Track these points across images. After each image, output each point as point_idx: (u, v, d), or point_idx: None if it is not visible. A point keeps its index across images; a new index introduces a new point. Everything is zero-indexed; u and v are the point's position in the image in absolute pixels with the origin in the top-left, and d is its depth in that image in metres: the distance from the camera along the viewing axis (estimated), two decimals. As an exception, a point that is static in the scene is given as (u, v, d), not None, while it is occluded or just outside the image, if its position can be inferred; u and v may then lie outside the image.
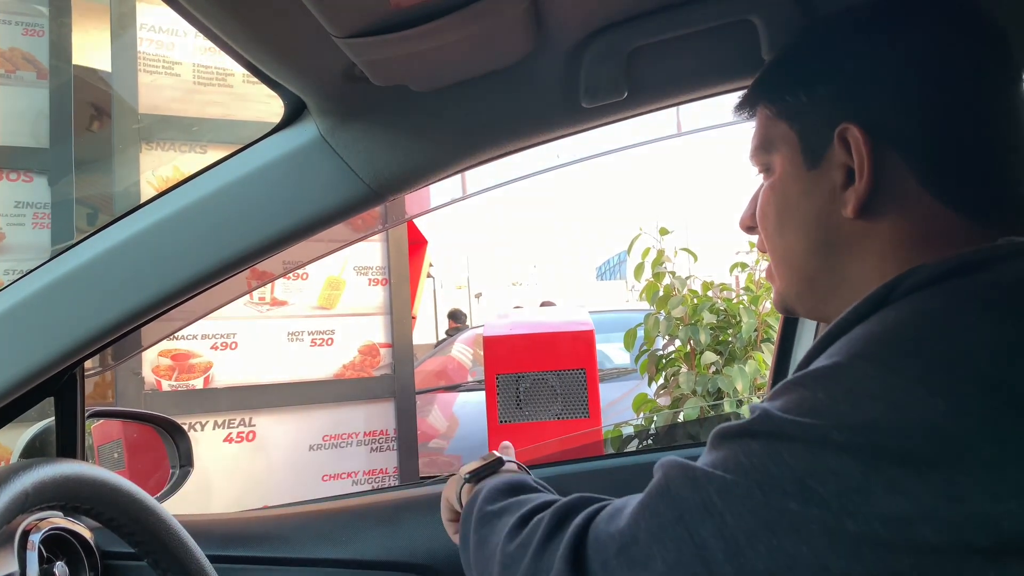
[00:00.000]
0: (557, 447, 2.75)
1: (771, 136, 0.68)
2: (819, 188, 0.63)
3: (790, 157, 0.66)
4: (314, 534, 1.08)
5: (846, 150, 0.61)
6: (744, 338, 3.04)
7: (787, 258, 0.68)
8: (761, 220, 0.70)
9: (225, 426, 2.92)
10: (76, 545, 0.89)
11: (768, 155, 0.68)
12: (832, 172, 0.62)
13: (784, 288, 0.70)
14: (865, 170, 0.60)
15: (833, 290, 0.65)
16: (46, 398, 0.93)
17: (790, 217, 0.66)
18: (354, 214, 0.85)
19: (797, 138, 0.65)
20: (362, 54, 0.66)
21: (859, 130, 0.59)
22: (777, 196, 0.67)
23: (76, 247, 0.83)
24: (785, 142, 0.66)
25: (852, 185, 0.61)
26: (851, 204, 0.61)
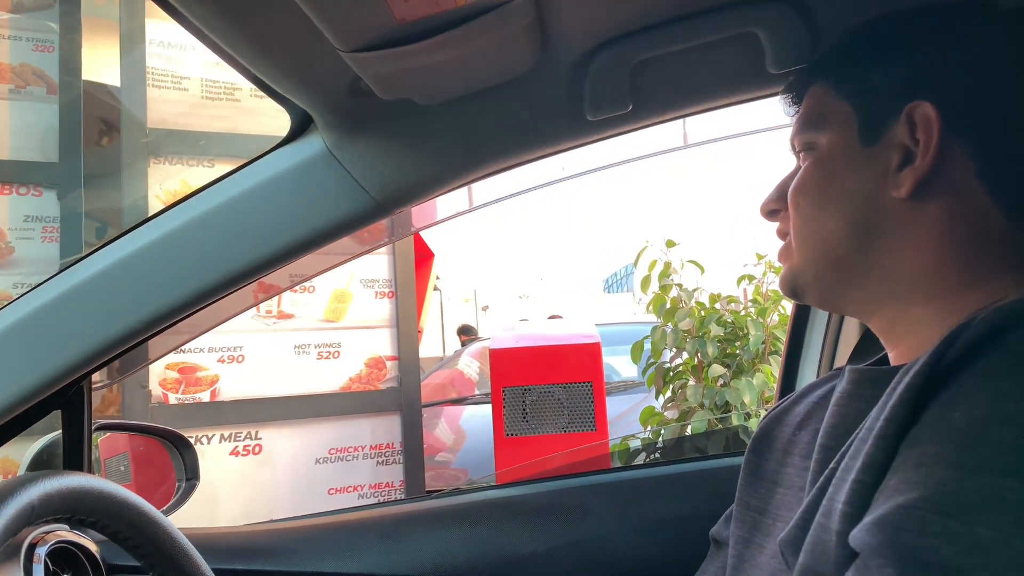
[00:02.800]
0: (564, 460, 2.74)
1: (825, 113, 0.67)
2: (873, 166, 0.63)
3: (843, 134, 0.65)
4: (319, 548, 1.08)
5: (909, 130, 0.61)
6: (752, 351, 3.03)
7: (818, 236, 0.66)
8: (797, 196, 0.68)
9: (231, 439, 2.92)
10: (82, 558, 0.89)
11: (817, 132, 0.68)
12: (890, 151, 0.62)
13: (802, 267, 0.68)
14: (931, 149, 0.59)
15: (860, 276, 0.64)
16: (53, 411, 0.94)
17: (833, 192, 0.65)
18: (360, 227, 0.86)
19: (855, 115, 0.65)
20: (368, 68, 0.66)
21: (933, 108, 0.59)
22: (822, 171, 0.66)
23: (83, 260, 0.84)
24: (840, 119, 0.66)
25: (909, 166, 0.60)
26: (908, 183, 0.60)
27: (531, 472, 2.72)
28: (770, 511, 0.72)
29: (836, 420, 0.65)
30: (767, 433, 0.78)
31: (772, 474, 0.75)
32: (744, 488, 0.77)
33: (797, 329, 1.25)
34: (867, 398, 0.63)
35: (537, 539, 1.12)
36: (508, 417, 3.00)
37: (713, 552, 0.83)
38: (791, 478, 0.72)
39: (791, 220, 0.69)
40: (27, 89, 2.71)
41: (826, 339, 1.20)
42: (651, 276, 3.23)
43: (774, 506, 0.72)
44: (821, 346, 1.21)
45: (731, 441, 2.74)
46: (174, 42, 2.85)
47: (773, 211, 0.72)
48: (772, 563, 0.68)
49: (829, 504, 0.56)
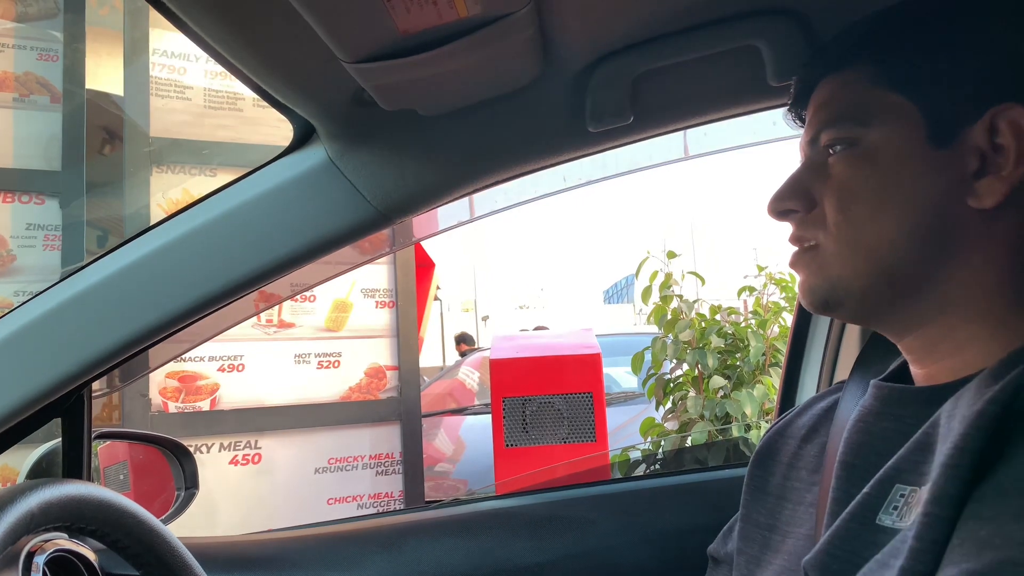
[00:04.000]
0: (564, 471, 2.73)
1: (868, 106, 0.60)
2: (944, 172, 0.57)
3: (904, 132, 0.59)
4: (318, 558, 1.08)
5: (988, 133, 0.56)
6: (752, 362, 3.03)
7: (872, 245, 0.59)
8: (845, 199, 0.60)
9: (231, 448, 2.91)
10: (80, 567, 0.89)
11: (862, 127, 0.60)
12: (966, 156, 0.57)
13: (846, 279, 0.61)
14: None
15: (914, 290, 0.59)
16: (53, 419, 0.94)
17: (896, 197, 0.58)
18: (362, 236, 0.86)
19: (919, 112, 0.58)
20: (371, 79, 0.66)
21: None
22: (878, 172, 0.59)
23: (84, 269, 0.84)
24: (898, 115, 0.59)
25: (993, 174, 0.56)
26: (994, 194, 0.56)
27: (531, 483, 2.71)
28: (779, 527, 0.71)
29: (861, 437, 0.62)
30: (770, 447, 0.77)
31: (778, 488, 0.73)
32: (749, 504, 0.76)
33: (797, 341, 1.25)
34: (895, 417, 0.61)
35: (537, 550, 1.11)
36: (508, 427, 3.00)
37: (712, 570, 0.82)
38: (799, 492, 0.71)
39: (832, 223, 0.61)
40: (31, 98, 2.72)
41: (826, 351, 1.20)
42: (652, 287, 3.23)
43: (783, 522, 0.71)
44: (822, 358, 1.21)
45: (731, 453, 2.74)
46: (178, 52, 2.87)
47: (789, 211, 0.65)
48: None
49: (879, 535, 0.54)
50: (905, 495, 0.54)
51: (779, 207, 0.65)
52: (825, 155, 0.63)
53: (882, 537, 0.54)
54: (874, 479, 0.56)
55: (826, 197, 0.62)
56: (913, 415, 0.59)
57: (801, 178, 0.64)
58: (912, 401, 0.60)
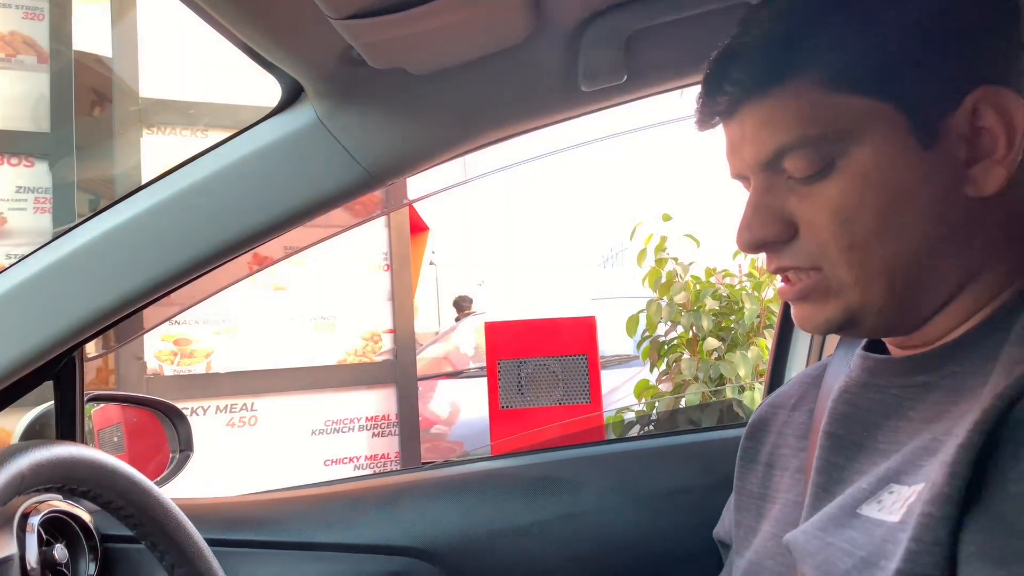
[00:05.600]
0: (558, 432, 2.75)
1: (840, 118, 0.54)
2: (939, 169, 0.54)
3: (890, 139, 0.54)
4: (313, 518, 1.08)
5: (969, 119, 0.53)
6: (746, 324, 3.04)
7: (887, 264, 0.55)
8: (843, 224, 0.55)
9: (227, 411, 2.93)
10: (75, 528, 0.90)
11: (839, 144, 0.54)
12: (953, 147, 0.54)
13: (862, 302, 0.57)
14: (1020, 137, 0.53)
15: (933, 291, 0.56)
16: (45, 382, 0.93)
17: (901, 213, 0.54)
18: (352, 198, 0.85)
19: (895, 112, 0.54)
20: (359, 36, 0.65)
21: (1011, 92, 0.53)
22: (875, 190, 0.54)
23: (74, 230, 0.83)
24: (872, 120, 0.54)
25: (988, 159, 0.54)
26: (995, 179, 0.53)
27: (526, 444, 2.74)
28: (769, 495, 0.72)
29: (846, 408, 0.62)
30: (762, 419, 0.78)
31: (767, 457, 0.74)
32: (742, 475, 0.76)
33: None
34: (879, 388, 0.61)
35: (531, 510, 1.12)
36: (503, 389, 3.01)
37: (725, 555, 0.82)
38: (786, 459, 0.71)
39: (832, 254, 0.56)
40: (17, 58, 2.67)
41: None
42: (647, 250, 3.23)
43: (772, 489, 0.72)
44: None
45: (725, 414, 2.76)
46: (166, 10, 2.82)
47: (768, 243, 0.59)
48: (769, 545, 0.68)
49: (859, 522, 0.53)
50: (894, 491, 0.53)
51: (754, 239, 0.59)
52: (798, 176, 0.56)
53: (859, 525, 0.53)
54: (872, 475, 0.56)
55: (814, 223, 0.56)
56: (897, 386, 0.59)
57: (769, 205, 0.58)
58: (895, 371, 0.60)
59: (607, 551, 1.11)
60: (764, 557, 0.68)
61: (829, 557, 0.53)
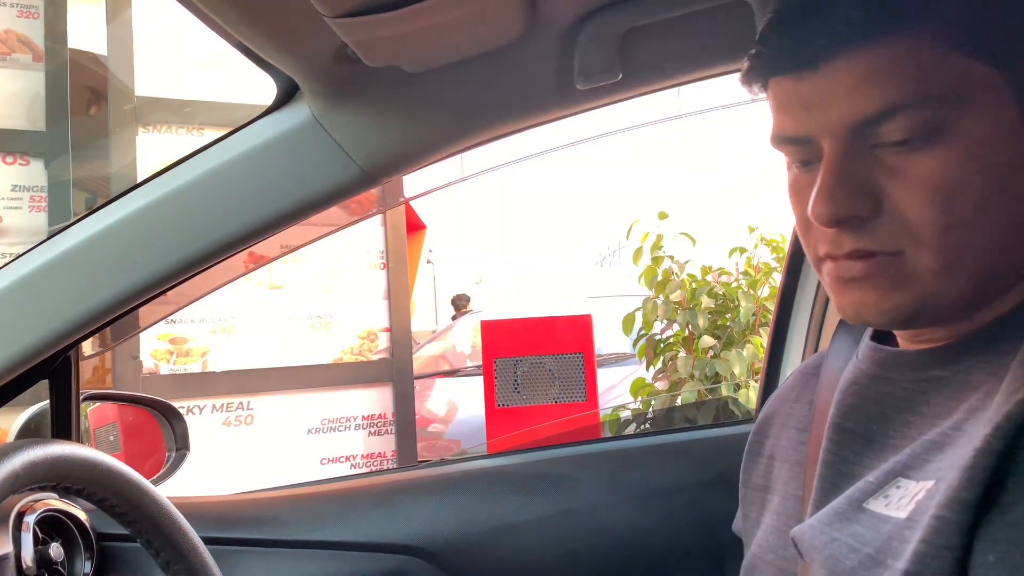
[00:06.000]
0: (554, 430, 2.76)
1: (954, 81, 0.50)
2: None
3: (996, 111, 0.50)
4: (309, 516, 1.08)
5: None
6: (742, 322, 3.05)
7: (976, 250, 0.51)
8: (940, 200, 0.50)
9: (223, 410, 2.92)
10: (71, 526, 0.89)
11: (952, 110, 0.50)
12: None
13: (940, 290, 0.52)
14: None
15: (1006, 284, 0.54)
16: (41, 380, 0.93)
17: (1000, 193, 0.51)
18: (348, 196, 0.85)
19: (1006, 83, 0.50)
20: (354, 34, 0.65)
21: None
22: (979, 165, 0.50)
23: (69, 229, 0.83)
24: (983, 90, 0.50)
25: None
26: None
27: (522, 442, 2.74)
28: (771, 487, 0.72)
29: (855, 400, 0.61)
30: (768, 413, 0.78)
31: (771, 449, 0.74)
32: (748, 469, 0.77)
33: (785, 301, 1.26)
34: (890, 381, 0.59)
35: (527, 508, 1.13)
36: (499, 388, 3.01)
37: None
38: (787, 451, 0.71)
39: (920, 232, 0.51)
40: (12, 56, 2.67)
41: (814, 310, 1.20)
42: (643, 248, 3.23)
43: (773, 480, 0.72)
44: (809, 317, 1.21)
45: (720, 412, 2.77)
46: (161, 9, 2.81)
47: (853, 217, 0.52)
48: (770, 539, 0.68)
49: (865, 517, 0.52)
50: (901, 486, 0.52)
51: (837, 214, 0.52)
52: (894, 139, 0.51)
53: (865, 519, 0.52)
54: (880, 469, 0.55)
55: (906, 199, 0.51)
56: (909, 379, 0.58)
57: (856, 174, 0.52)
58: (908, 366, 0.59)
59: (603, 548, 1.12)
60: (765, 551, 0.68)
61: (835, 553, 0.52)
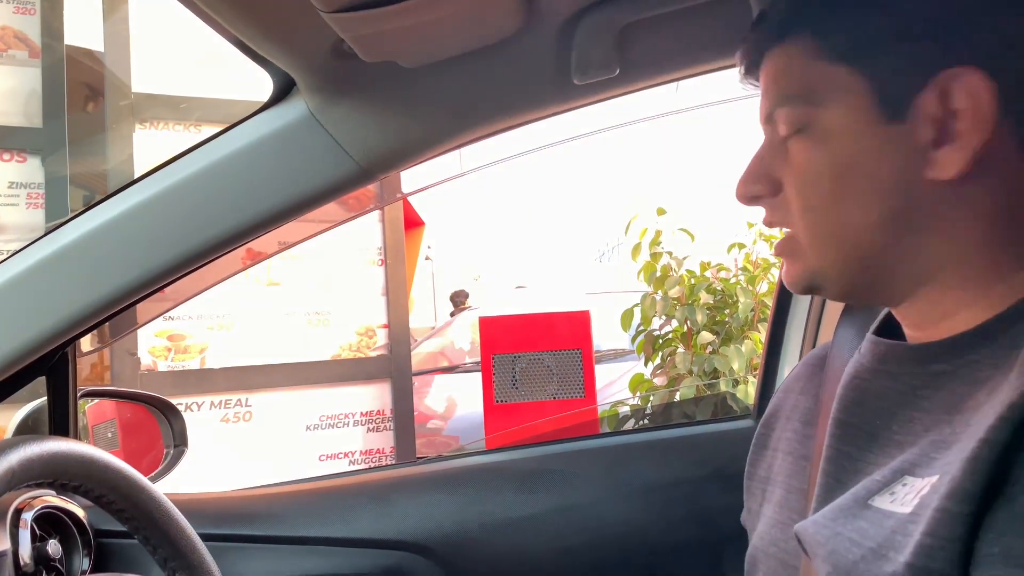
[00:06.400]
0: (552, 426, 2.76)
1: (815, 82, 0.57)
2: (899, 146, 0.54)
3: (856, 109, 0.55)
4: (308, 512, 1.08)
5: (942, 101, 0.52)
6: (741, 318, 3.05)
7: (838, 231, 0.57)
8: (804, 187, 0.58)
9: (222, 406, 2.92)
10: (69, 523, 0.89)
11: (811, 107, 0.57)
12: (919, 127, 0.53)
13: (819, 265, 0.59)
14: (986, 125, 0.51)
15: (891, 268, 0.57)
16: (38, 377, 0.93)
17: (855, 181, 0.56)
18: (345, 192, 0.85)
19: (869, 84, 0.55)
20: (350, 29, 0.65)
21: (985, 78, 0.51)
22: (835, 156, 0.56)
23: (65, 225, 0.83)
24: (846, 90, 0.55)
25: (951, 144, 0.52)
26: (954, 164, 0.52)
27: (520, 437, 2.74)
28: (773, 478, 0.72)
29: (856, 395, 0.61)
30: (776, 406, 0.78)
31: (776, 442, 0.75)
32: (754, 461, 0.77)
33: (783, 296, 1.26)
34: (891, 375, 0.59)
35: (525, 503, 1.13)
36: (498, 384, 3.02)
37: None
38: (791, 443, 0.71)
39: (797, 213, 0.59)
40: (8, 52, 2.66)
41: (812, 306, 1.20)
42: (641, 244, 3.23)
43: (776, 472, 0.72)
44: (807, 313, 1.21)
45: (719, 407, 2.77)
46: (158, 5, 2.81)
47: (755, 196, 0.62)
48: (772, 531, 0.68)
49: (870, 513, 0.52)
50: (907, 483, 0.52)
51: (746, 193, 0.63)
52: (781, 134, 0.60)
53: (870, 516, 0.52)
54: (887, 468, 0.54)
55: (788, 183, 0.60)
56: (910, 373, 0.58)
57: (763, 160, 0.61)
58: (909, 359, 0.59)
59: (601, 543, 1.12)
60: (767, 543, 0.68)
61: (838, 548, 0.52)
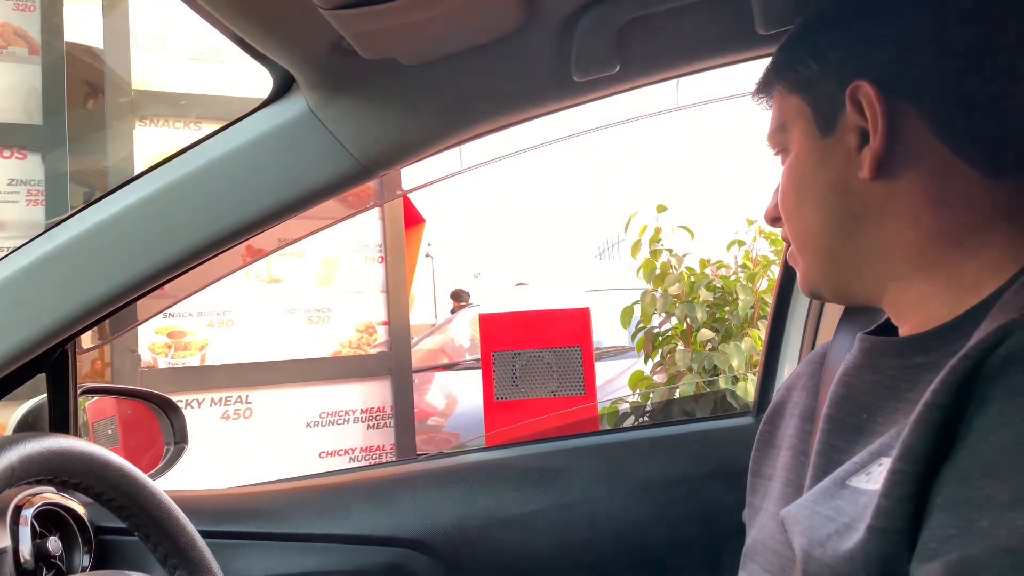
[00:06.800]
0: (552, 423, 2.76)
1: (785, 114, 0.67)
2: (835, 155, 0.62)
3: (804, 130, 0.65)
4: (307, 509, 1.09)
5: (859, 111, 0.60)
6: (740, 315, 3.04)
7: (808, 237, 0.66)
8: (781, 203, 0.68)
9: (222, 403, 2.92)
10: (69, 520, 0.90)
11: (784, 134, 0.67)
12: (846, 136, 0.61)
13: (808, 270, 0.68)
14: (880, 125, 0.58)
15: (858, 266, 0.64)
16: (38, 374, 0.93)
17: (807, 191, 0.65)
18: (345, 189, 0.85)
19: (810, 108, 0.64)
20: (349, 26, 0.65)
21: (870, 85, 0.58)
22: (795, 173, 0.66)
23: (65, 222, 0.83)
24: (799, 116, 0.65)
25: (868, 145, 0.60)
26: (868, 163, 0.60)
27: (520, 434, 2.74)
28: (775, 475, 0.73)
29: (845, 391, 0.64)
30: (779, 402, 0.79)
31: (779, 439, 0.76)
32: (758, 459, 0.78)
33: (783, 294, 1.26)
34: (876, 369, 0.62)
35: (525, 501, 1.13)
36: (498, 381, 3.02)
37: None
38: (792, 439, 0.73)
39: (785, 227, 0.69)
40: (8, 49, 2.66)
41: (811, 304, 1.20)
42: (641, 241, 3.22)
43: (778, 468, 0.73)
44: (807, 311, 1.21)
45: (719, 404, 2.77)
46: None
47: (775, 219, 0.72)
48: (770, 524, 0.69)
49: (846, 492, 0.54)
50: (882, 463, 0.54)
51: (768, 216, 0.73)
52: None
53: (846, 495, 0.54)
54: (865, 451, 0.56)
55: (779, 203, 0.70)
56: (892, 367, 0.60)
57: (776, 191, 0.71)
58: (892, 353, 0.62)
59: (600, 539, 1.12)
60: (766, 536, 0.70)
61: (814, 524, 0.55)
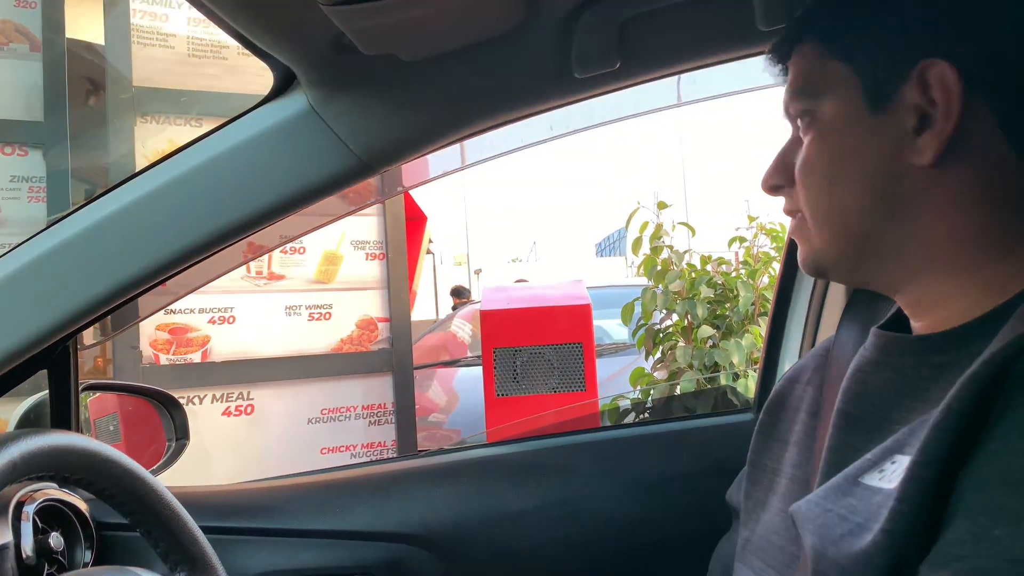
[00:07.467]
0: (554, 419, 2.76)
1: (818, 78, 0.62)
2: (885, 134, 0.58)
3: (847, 100, 0.60)
4: (308, 505, 1.09)
5: (922, 91, 0.56)
6: (741, 312, 3.04)
7: (835, 215, 0.61)
8: (805, 174, 0.63)
9: (223, 400, 2.92)
10: (71, 516, 0.90)
11: (814, 99, 0.62)
12: (902, 115, 0.57)
13: (823, 248, 0.63)
14: (954, 113, 0.55)
15: (884, 251, 0.60)
16: (40, 371, 0.93)
17: (846, 168, 0.60)
18: (345, 186, 0.85)
19: (859, 78, 0.59)
20: (350, 22, 0.65)
21: (951, 67, 0.54)
22: (829, 144, 0.61)
23: (66, 219, 0.83)
24: (840, 84, 0.60)
25: (929, 130, 0.56)
26: (931, 150, 0.56)
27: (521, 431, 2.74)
28: (781, 469, 0.73)
29: (859, 387, 0.62)
30: (781, 394, 0.78)
31: (783, 433, 0.75)
32: (758, 450, 0.77)
33: (784, 290, 1.26)
34: (893, 367, 0.61)
35: (525, 496, 1.13)
36: (499, 378, 3.02)
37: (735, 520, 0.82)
38: (799, 435, 0.72)
39: (802, 199, 0.64)
40: (10, 46, 2.65)
41: (812, 300, 1.20)
42: (642, 238, 3.22)
43: (784, 464, 0.73)
44: (807, 307, 1.21)
45: (719, 401, 2.77)
46: None
47: (776, 186, 0.67)
48: (776, 520, 0.69)
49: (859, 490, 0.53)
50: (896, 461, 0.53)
51: (767, 184, 0.68)
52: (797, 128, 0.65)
53: (859, 492, 0.53)
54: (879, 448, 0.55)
55: (796, 172, 0.64)
56: (911, 365, 0.59)
57: (784, 154, 0.66)
58: (910, 351, 0.60)
59: (601, 536, 1.12)
60: (771, 532, 0.69)
61: (827, 522, 0.54)
